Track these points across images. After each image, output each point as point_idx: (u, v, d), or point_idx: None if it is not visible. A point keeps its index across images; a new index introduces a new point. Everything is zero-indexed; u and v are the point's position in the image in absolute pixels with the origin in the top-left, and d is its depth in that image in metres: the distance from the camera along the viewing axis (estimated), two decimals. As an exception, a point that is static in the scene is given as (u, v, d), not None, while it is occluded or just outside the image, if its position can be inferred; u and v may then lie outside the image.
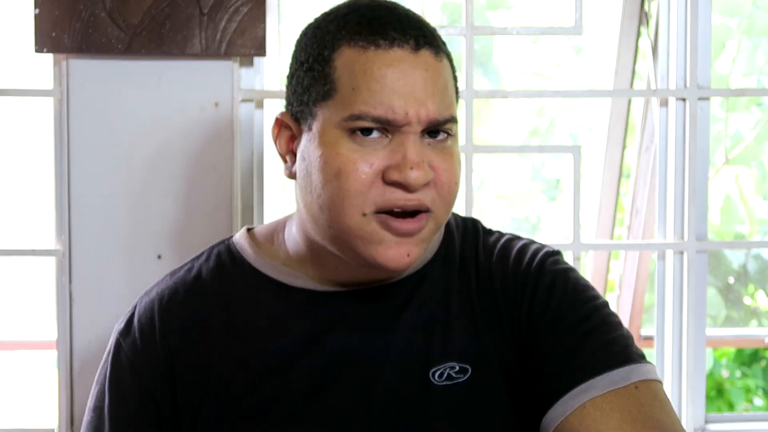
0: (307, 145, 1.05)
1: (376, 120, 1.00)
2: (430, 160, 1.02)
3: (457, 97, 1.08)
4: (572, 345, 1.05)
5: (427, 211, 1.03)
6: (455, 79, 1.08)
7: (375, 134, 1.01)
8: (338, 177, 1.01)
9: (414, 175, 1.00)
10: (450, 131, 1.04)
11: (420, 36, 1.02)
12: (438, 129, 1.03)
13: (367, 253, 1.03)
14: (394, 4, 1.07)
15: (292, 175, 1.09)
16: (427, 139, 1.03)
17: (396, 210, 1.01)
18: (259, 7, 1.59)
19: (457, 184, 1.05)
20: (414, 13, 1.07)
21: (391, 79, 1.00)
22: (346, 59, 1.02)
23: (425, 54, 1.02)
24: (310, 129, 1.05)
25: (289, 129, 1.09)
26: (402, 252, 1.02)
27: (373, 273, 1.07)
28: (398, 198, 1.01)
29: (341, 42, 1.03)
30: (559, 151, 1.96)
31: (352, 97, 1.01)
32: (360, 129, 1.01)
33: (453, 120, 1.04)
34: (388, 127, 1.01)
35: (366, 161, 1.00)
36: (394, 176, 1.00)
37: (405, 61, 1.01)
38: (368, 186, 1.01)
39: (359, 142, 1.01)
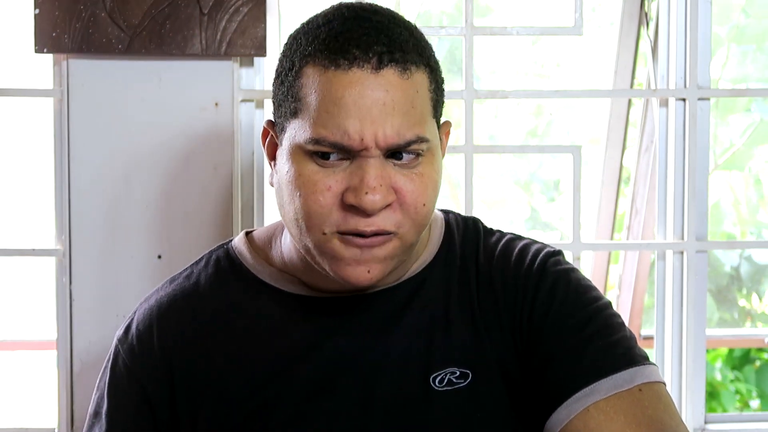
0: (280, 159, 1.04)
1: (332, 145, 0.98)
2: (394, 181, 0.99)
3: (438, 111, 1.05)
4: (575, 347, 1.04)
5: (390, 233, 1.01)
6: (435, 92, 1.04)
7: (333, 158, 0.99)
8: (300, 197, 1.00)
9: (369, 200, 0.97)
10: (419, 152, 1.01)
11: (385, 53, 0.98)
12: (401, 151, 1.00)
13: (330, 268, 1.03)
14: (375, 12, 1.03)
15: (272, 184, 1.08)
16: (393, 161, 1.00)
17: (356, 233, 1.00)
18: (259, 7, 1.59)
19: (426, 205, 1.02)
20: (389, 24, 1.02)
21: (347, 102, 0.97)
22: (310, 78, 1.00)
23: (388, 73, 0.98)
24: (281, 143, 1.04)
25: (274, 137, 1.08)
26: (362, 269, 1.01)
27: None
28: (357, 223, 0.99)
29: (308, 59, 1.00)
30: (559, 151, 1.95)
31: (313, 119, 0.99)
32: (320, 153, 0.99)
33: (420, 140, 1.00)
34: (346, 151, 0.99)
35: (325, 184, 0.99)
36: (350, 200, 0.98)
37: (363, 83, 0.97)
38: (328, 209, 0.99)
39: (321, 163, 0.99)
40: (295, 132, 1.01)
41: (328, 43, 0.99)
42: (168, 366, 1.11)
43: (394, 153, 1.00)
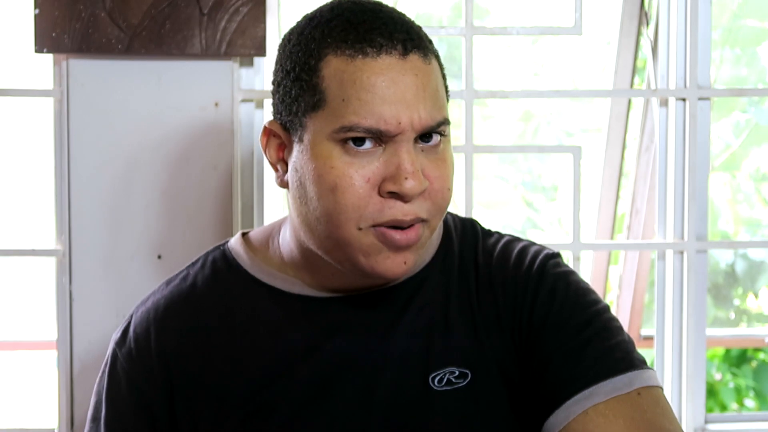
0: (300, 157, 1.03)
1: (367, 131, 0.98)
2: (423, 168, 1.01)
3: (447, 97, 1.07)
4: (574, 350, 1.04)
5: (424, 221, 1.02)
6: (444, 77, 1.07)
7: (368, 144, 0.99)
8: (334, 191, 0.99)
9: (410, 185, 0.98)
10: (443, 133, 1.03)
11: (407, 40, 1.00)
12: (431, 132, 1.01)
13: (364, 263, 1.02)
14: (378, 4, 1.05)
15: (283, 184, 1.07)
16: (420, 144, 1.01)
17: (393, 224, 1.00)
18: (259, 7, 1.59)
19: (450, 189, 1.04)
20: (399, 14, 1.04)
21: (380, 88, 0.98)
22: (334, 69, 1.00)
23: (414, 59, 1.00)
24: (301, 140, 1.03)
25: (279, 137, 1.07)
26: (399, 261, 1.02)
27: (369, 280, 1.06)
28: (396, 212, 0.99)
29: (327, 51, 1.01)
30: (559, 150, 1.96)
31: (342, 108, 0.99)
32: (352, 139, 0.99)
33: (446, 122, 1.03)
34: (380, 137, 0.99)
35: (361, 175, 0.99)
36: (390, 187, 0.99)
37: (394, 68, 0.99)
38: (365, 200, 0.99)
39: (353, 153, 0.99)
40: (321, 125, 1.00)
41: (348, 32, 1.00)
42: (166, 370, 1.10)
43: (422, 135, 1.01)
